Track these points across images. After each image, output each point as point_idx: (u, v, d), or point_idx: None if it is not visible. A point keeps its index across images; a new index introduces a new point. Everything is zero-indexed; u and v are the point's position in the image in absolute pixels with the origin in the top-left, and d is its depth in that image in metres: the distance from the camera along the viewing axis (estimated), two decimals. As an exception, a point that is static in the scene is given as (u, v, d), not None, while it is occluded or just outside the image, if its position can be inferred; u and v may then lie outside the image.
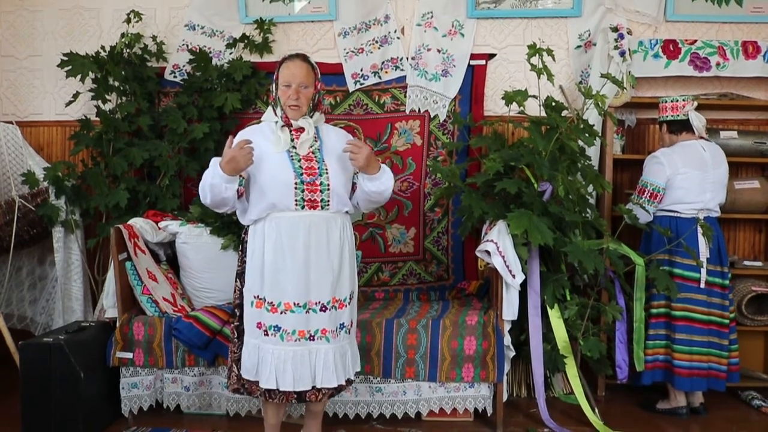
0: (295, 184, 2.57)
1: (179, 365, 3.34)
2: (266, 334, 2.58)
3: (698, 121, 3.48)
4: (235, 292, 2.74)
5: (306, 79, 2.63)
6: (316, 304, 2.60)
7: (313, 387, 2.60)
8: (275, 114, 2.69)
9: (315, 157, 2.64)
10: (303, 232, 2.58)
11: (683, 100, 3.48)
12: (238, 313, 2.71)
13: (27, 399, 3.07)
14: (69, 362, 3.05)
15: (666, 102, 3.52)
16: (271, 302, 2.57)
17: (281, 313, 2.57)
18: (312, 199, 2.59)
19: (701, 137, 3.50)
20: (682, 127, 3.50)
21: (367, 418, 3.33)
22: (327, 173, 2.62)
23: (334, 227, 2.64)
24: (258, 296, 2.60)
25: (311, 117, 2.68)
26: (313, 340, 2.60)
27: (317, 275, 2.60)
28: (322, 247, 2.61)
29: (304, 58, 2.68)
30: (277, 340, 2.57)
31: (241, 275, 2.70)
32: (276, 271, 2.57)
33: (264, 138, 2.64)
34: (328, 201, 2.62)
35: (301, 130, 2.66)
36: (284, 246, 2.57)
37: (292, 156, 2.62)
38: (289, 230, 2.57)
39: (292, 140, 2.64)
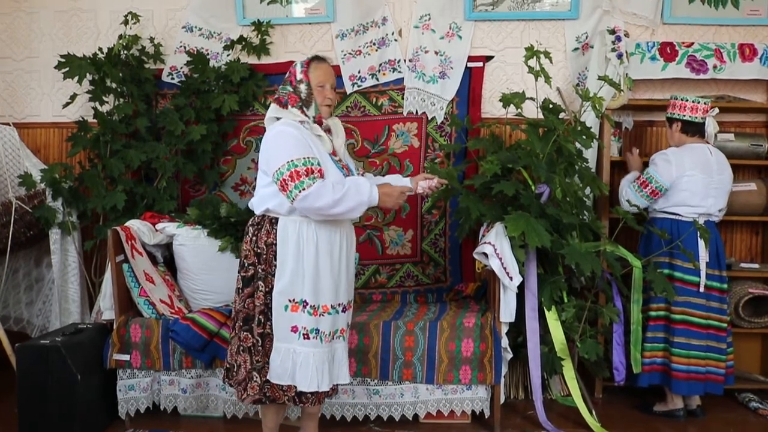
0: None
1: (176, 367, 3.34)
2: (306, 338, 2.56)
3: (712, 127, 3.48)
4: (253, 297, 2.62)
5: (335, 80, 2.74)
6: (340, 305, 2.67)
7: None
8: (304, 114, 2.65)
9: (345, 163, 2.74)
10: (340, 236, 2.64)
11: (704, 103, 3.46)
12: (263, 320, 2.61)
13: (24, 401, 3.06)
14: (66, 364, 3.05)
15: (686, 101, 3.48)
16: (313, 305, 2.57)
17: (320, 315, 2.59)
18: None
19: (707, 142, 3.52)
20: (696, 129, 3.49)
21: (364, 420, 3.32)
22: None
23: (353, 230, 2.78)
24: (294, 300, 2.57)
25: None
26: (334, 339, 2.66)
27: (345, 278, 2.68)
28: (349, 251, 2.72)
29: (326, 60, 2.77)
30: (317, 342, 2.58)
31: (264, 278, 2.61)
32: (317, 274, 2.58)
33: (309, 137, 2.61)
34: None
35: (327, 130, 2.72)
36: (325, 249, 2.60)
37: (334, 160, 2.67)
38: (329, 234, 2.60)
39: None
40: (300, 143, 2.55)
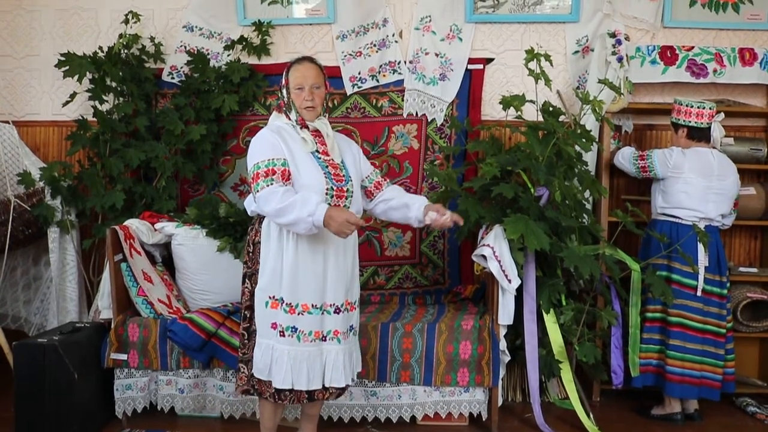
0: (326, 189, 2.58)
1: (174, 367, 3.33)
2: (282, 335, 2.57)
3: (718, 132, 3.49)
4: (244, 294, 2.70)
5: (317, 80, 2.66)
6: (330, 306, 2.63)
7: (322, 386, 2.64)
8: (289, 118, 2.68)
9: (337, 162, 2.68)
10: (324, 237, 2.59)
11: (710, 108, 3.47)
12: (248, 315, 2.68)
13: (21, 400, 3.06)
14: (63, 363, 3.04)
15: (692, 107, 3.47)
16: (289, 303, 2.57)
17: (298, 314, 2.58)
18: (336, 204, 2.60)
19: (713, 147, 3.52)
20: (701, 135, 3.49)
21: (362, 421, 3.32)
22: (351, 180, 2.67)
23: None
24: (274, 297, 2.58)
25: (325, 117, 2.73)
26: (325, 340, 2.63)
27: (333, 278, 2.63)
28: (339, 250, 2.65)
29: (311, 59, 2.72)
30: (294, 341, 2.57)
31: (251, 276, 2.66)
32: (296, 272, 2.57)
33: (291, 139, 2.62)
34: (348, 207, 2.65)
35: (316, 132, 2.67)
36: (305, 248, 2.57)
37: (320, 160, 2.63)
38: (311, 235, 2.56)
39: (315, 142, 2.65)
40: (271, 145, 2.56)
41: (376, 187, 2.86)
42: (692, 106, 3.47)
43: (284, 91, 2.68)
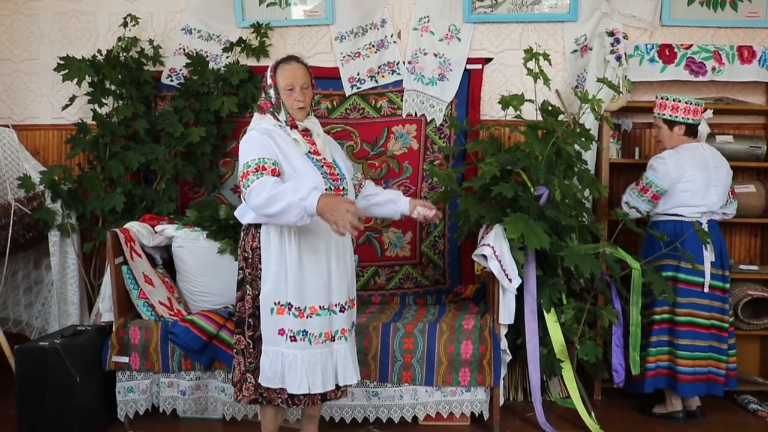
0: (324, 189, 2.55)
1: (175, 369, 3.33)
2: (293, 340, 2.53)
3: (705, 128, 3.51)
4: (243, 301, 2.63)
5: (306, 79, 2.65)
6: (336, 305, 2.63)
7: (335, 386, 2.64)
8: (277, 119, 2.65)
9: (330, 162, 2.67)
10: (325, 236, 2.57)
11: (700, 104, 3.48)
12: (252, 323, 2.60)
13: (22, 403, 3.06)
14: (65, 366, 3.05)
15: (691, 104, 3.47)
16: (298, 307, 2.54)
17: (307, 317, 2.55)
18: None
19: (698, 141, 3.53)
20: (694, 131, 3.51)
21: (363, 422, 3.32)
22: (346, 179, 2.67)
23: None
24: (279, 302, 2.54)
25: (312, 116, 2.72)
26: (334, 340, 2.62)
27: (337, 277, 2.63)
28: (340, 249, 2.65)
29: (298, 59, 2.69)
30: (306, 344, 2.54)
31: (252, 282, 2.60)
32: (301, 275, 2.55)
33: (282, 141, 2.59)
34: None
35: (305, 131, 2.66)
36: (308, 250, 2.56)
37: (314, 160, 2.61)
38: (313, 236, 2.56)
39: (306, 143, 2.64)
40: (261, 146, 2.52)
41: (360, 184, 2.92)
42: (692, 104, 3.48)
43: (272, 92, 2.64)
